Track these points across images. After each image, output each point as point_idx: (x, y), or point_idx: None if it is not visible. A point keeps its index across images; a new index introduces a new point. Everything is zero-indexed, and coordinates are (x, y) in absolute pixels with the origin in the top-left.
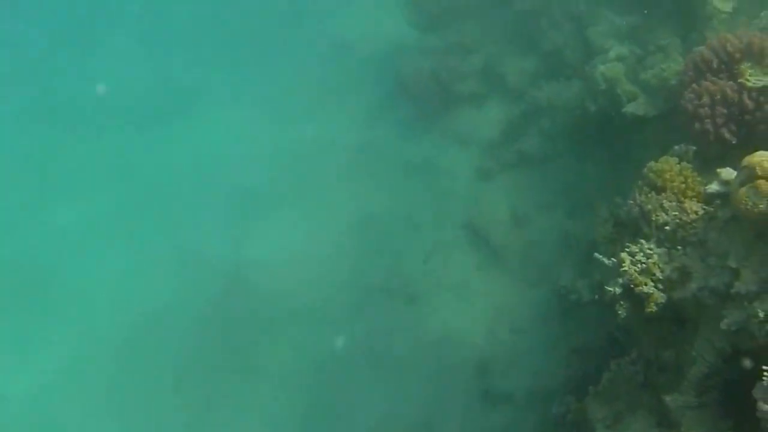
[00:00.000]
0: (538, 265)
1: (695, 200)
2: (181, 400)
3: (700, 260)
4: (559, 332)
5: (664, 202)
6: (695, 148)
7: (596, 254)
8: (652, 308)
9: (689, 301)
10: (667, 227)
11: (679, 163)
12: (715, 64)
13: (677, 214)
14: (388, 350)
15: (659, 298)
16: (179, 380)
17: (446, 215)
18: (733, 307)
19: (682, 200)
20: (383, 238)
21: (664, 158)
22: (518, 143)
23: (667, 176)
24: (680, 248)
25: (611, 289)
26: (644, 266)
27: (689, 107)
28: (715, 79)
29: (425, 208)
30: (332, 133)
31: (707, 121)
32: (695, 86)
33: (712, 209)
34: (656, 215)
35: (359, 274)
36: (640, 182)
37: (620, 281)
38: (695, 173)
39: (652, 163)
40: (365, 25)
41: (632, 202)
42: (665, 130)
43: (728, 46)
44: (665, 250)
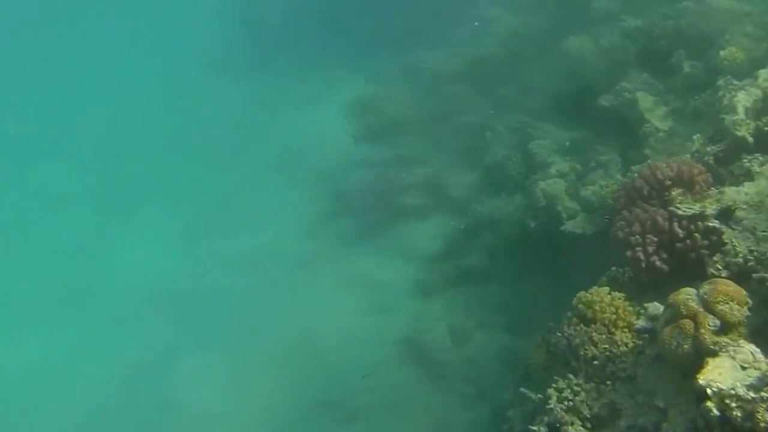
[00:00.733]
0: (477, 383)
1: (626, 331)
2: None
3: (629, 396)
4: None
5: (593, 334)
6: (630, 273)
7: (522, 389)
8: None
9: None
10: (595, 362)
11: (610, 292)
12: (646, 191)
13: (607, 347)
14: None
15: None
16: None
17: (386, 331)
18: None
19: (612, 331)
20: (323, 353)
21: (594, 288)
22: (460, 258)
23: (597, 307)
24: (609, 383)
25: (536, 428)
26: (572, 404)
27: (620, 235)
28: (646, 206)
29: (365, 323)
30: (274, 245)
31: (638, 249)
32: (626, 213)
33: (641, 342)
34: (585, 349)
35: (299, 390)
36: (569, 313)
37: (546, 420)
38: (627, 303)
39: (581, 293)
40: (312, 137)
41: (560, 334)
42: (605, 248)
43: (659, 173)
44: (594, 385)
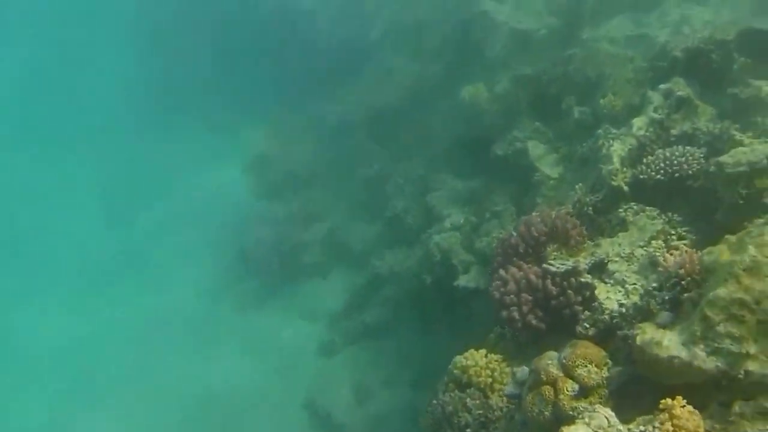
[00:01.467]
0: None
1: (502, 395)
2: None
3: None
4: None
5: (467, 400)
6: (509, 333)
7: None
8: None
9: None
10: (468, 429)
11: (487, 354)
12: (521, 248)
13: (482, 412)
14: None
15: None
16: None
17: (289, 393)
18: None
19: (488, 395)
20: (225, 418)
21: (470, 351)
22: (362, 315)
23: (471, 372)
24: None
25: None
26: None
27: (496, 295)
28: (521, 263)
29: (268, 386)
30: (177, 307)
31: (513, 308)
32: (502, 272)
33: (513, 407)
34: (458, 416)
35: None
36: (445, 378)
37: None
38: (505, 364)
39: (457, 357)
40: (214, 194)
41: (435, 401)
42: None
43: (533, 229)
44: None
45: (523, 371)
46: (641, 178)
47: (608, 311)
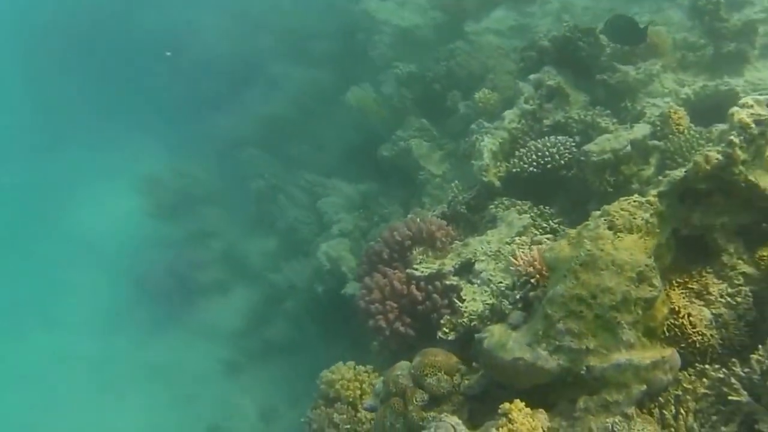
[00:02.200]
0: None
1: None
2: None
3: None
4: None
5: (334, 415)
6: (379, 342)
7: None
8: None
9: None
10: None
11: (354, 366)
12: (386, 254)
13: (350, 426)
14: None
15: None
16: None
17: (193, 419)
18: None
19: (358, 409)
20: None
21: (337, 365)
22: (264, 331)
23: (338, 386)
24: None
25: None
26: None
27: (362, 304)
28: (387, 270)
29: (173, 417)
30: (69, 345)
31: (380, 317)
32: (367, 281)
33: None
34: None
35: None
36: (315, 395)
37: None
38: (375, 375)
39: (324, 372)
40: (106, 219)
41: (303, 420)
42: None
43: (397, 235)
44: None
45: (380, 383)
46: (514, 171)
47: (467, 314)
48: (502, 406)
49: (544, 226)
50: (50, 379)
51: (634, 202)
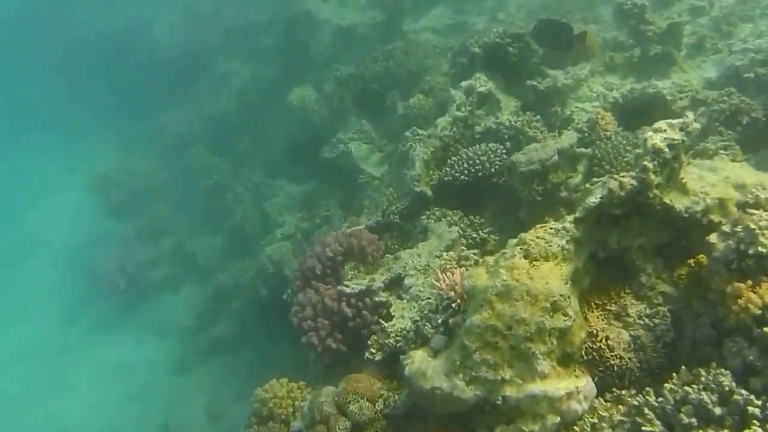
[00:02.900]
0: None
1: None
2: None
3: None
4: None
5: None
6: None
7: None
8: None
9: None
10: None
11: (288, 382)
12: (319, 270)
13: None
14: None
15: None
16: None
17: (146, 420)
18: None
19: (290, 425)
20: None
21: (271, 382)
22: (212, 329)
23: (271, 404)
24: None
25: None
26: None
27: (294, 321)
28: (320, 286)
29: (124, 414)
30: (22, 342)
31: (312, 334)
32: (300, 296)
33: None
34: None
35: None
36: (248, 413)
37: None
38: (308, 390)
39: (258, 390)
40: (56, 218)
41: None
42: None
43: (328, 250)
44: None
45: (306, 406)
46: (446, 180)
47: (393, 334)
48: None
49: (474, 236)
50: (8, 374)
51: (550, 229)
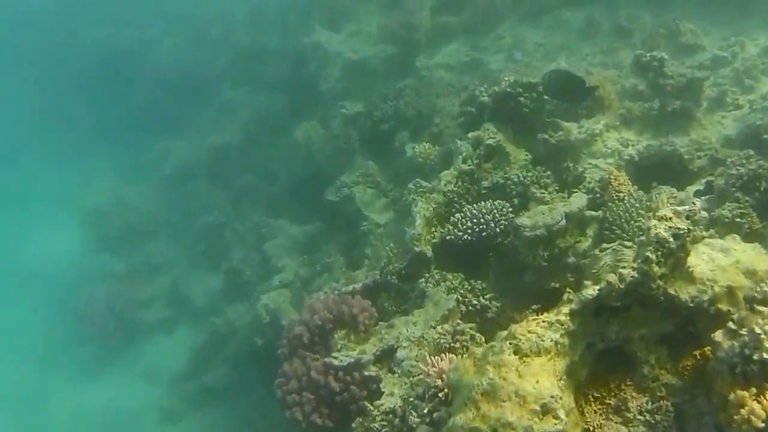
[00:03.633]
0: None
1: None
2: None
3: None
4: None
5: None
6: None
7: None
8: None
9: None
10: None
11: None
12: (307, 338)
13: None
14: None
15: None
16: None
17: None
18: None
19: None
20: None
21: None
22: (204, 376)
23: None
24: None
25: None
26: None
27: (279, 393)
28: (308, 356)
29: None
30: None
31: (296, 409)
32: (286, 367)
33: None
34: None
35: None
36: None
37: None
38: None
39: None
40: (43, 252)
41: None
42: None
43: (317, 318)
44: None
45: None
46: (448, 239)
47: (380, 418)
48: None
49: (474, 303)
50: None
51: (543, 322)
